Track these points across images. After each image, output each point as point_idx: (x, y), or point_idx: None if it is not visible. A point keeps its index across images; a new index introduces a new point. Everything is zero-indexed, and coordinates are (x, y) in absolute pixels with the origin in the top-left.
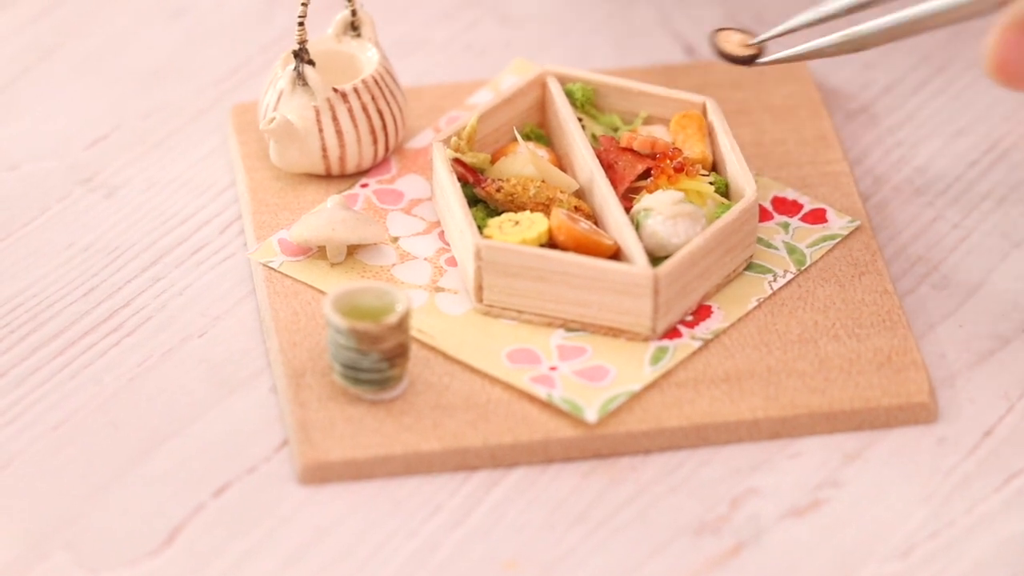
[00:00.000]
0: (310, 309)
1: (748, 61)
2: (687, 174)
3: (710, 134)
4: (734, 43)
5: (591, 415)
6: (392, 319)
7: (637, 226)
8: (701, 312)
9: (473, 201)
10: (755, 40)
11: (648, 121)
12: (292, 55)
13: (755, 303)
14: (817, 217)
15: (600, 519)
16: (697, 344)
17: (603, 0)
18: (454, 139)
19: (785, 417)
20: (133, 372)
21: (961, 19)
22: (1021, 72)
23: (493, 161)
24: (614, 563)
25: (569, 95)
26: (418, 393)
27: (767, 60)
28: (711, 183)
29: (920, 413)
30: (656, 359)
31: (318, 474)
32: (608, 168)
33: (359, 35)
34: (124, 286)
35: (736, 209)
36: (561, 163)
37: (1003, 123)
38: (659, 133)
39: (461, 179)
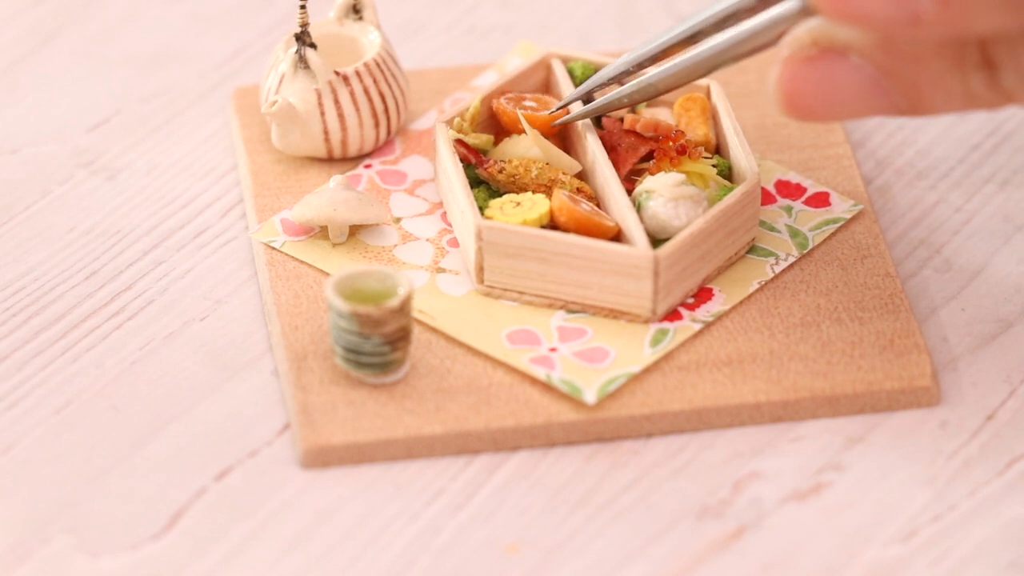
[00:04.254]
0: (312, 292)
1: None
2: (690, 156)
3: (713, 117)
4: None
5: (590, 396)
6: (394, 303)
7: (639, 208)
8: (702, 295)
9: (475, 182)
10: (554, 109)
11: (651, 103)
12: (294, 38)
13: (757, 286)
14: (820, 200)
15: (602, 503)
16: (698, 327)
17: None
18: (457, 120)
19: (787, 400)
20: (135, 356)
21: (748, 53)
22: (811, 105)
23: (496, 142)
24: (616, 547)
25: (570, 73)
26: (420, 377)
27: (559, 122)
28: (714, 166)
29: (922, 397)
30: (656, 341)
31: (320, 458)
32: (610, 150)
33: (361, 18)
34: (126, 269)
35: (738, 192)
36: (564, 145)
37: None
38: (662, 115)
39: (464, 160)
